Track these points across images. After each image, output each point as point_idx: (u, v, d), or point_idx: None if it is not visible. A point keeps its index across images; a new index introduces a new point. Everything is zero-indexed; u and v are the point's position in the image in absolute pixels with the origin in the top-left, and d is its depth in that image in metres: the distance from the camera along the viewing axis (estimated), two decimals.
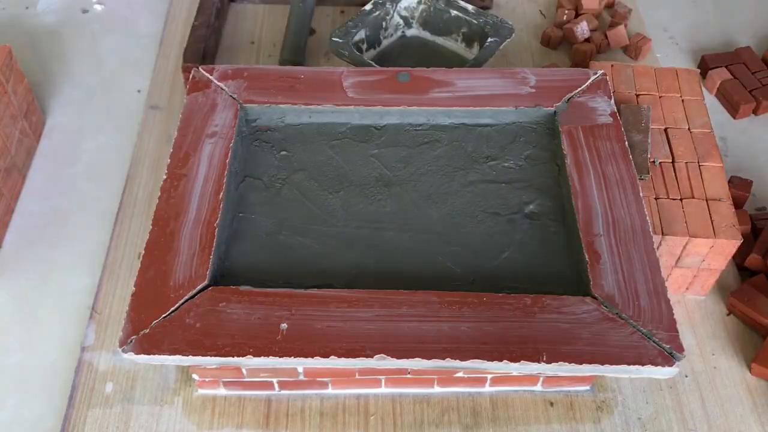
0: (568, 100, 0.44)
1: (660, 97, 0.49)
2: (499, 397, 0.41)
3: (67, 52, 0.61)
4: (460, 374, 0.39)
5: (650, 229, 0.38)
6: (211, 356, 0.33)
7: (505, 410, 0.40)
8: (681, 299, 0.46)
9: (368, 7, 0.56)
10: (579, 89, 0.44)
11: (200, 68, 0.45)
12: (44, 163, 0.53)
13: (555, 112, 0.44)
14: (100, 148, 0.54)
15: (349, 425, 0.39)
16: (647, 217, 0.38)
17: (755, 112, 0.57)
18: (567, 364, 0.33)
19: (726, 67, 0.59)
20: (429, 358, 0.33)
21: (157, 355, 0.33)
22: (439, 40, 0.58)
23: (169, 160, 0.40)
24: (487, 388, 0.41)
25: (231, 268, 0.38)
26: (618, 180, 0.40)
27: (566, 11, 0.62)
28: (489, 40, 0.54)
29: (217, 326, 0.34)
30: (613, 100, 0.44)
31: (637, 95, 0.49)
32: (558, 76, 0.45)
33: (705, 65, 0.60)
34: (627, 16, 0.62)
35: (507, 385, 0.40)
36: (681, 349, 0.33)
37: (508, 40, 0.54)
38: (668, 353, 0.33)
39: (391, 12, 0.57)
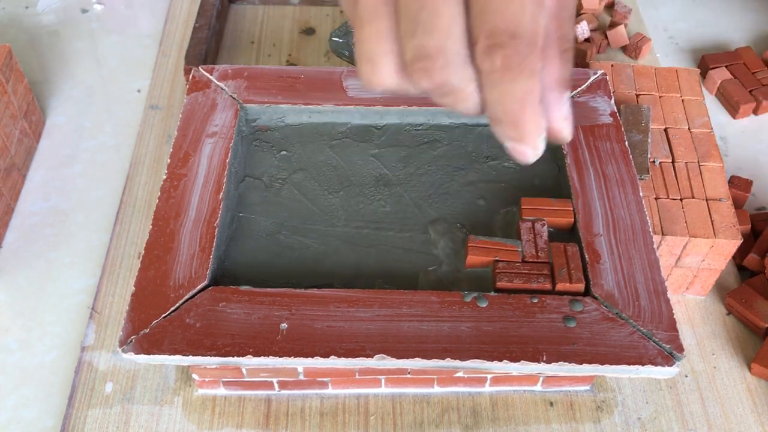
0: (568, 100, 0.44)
1: (660, 97, 0.49)
2: (499, 397, 0.41)
3: (67, 52, 0.61)
4: (460, 374, 0.39)
5: (650, 229, 0.38)
6: (211, 356, 0.33)
7: (505, 410, 0.40)
8: (681, 299, 0.46)
9: None
10: (579, 89, 0.44)
11: (200, 68, 0.45)
12: (44, 162, 0.53)
13: None
14: (100, 148, 0.54)
15: (349, 425, 0.39)
16: (647, 217, 0.38)
17: (755, 112, 0.57)
18: (567, 364, 0.33)
19: (726, 67, 0.59)
20: (429, 358, 0.33)
21: (157, 355, 0.33)
22: None
23: (169, 160, 0.40)
24: (487, 388, 0.41)
25: (231, 268, 0.38)
26: (618, 180, 0.40)
27: None
28: None
29: (217, 326, 0.34)
30: (613, 100, 0.44)
31: (637, 95, 0.49)
32: None
33: (705, 65, 0.60)
34: (627, 16, 0.62)
35: (507, 385, 0.40)
36: (681, 349, 0.33)
37: None
38: (668, 353, 0.33)
39: None
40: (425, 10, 0.30)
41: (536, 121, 0.33)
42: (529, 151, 0.34)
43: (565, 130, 0.35)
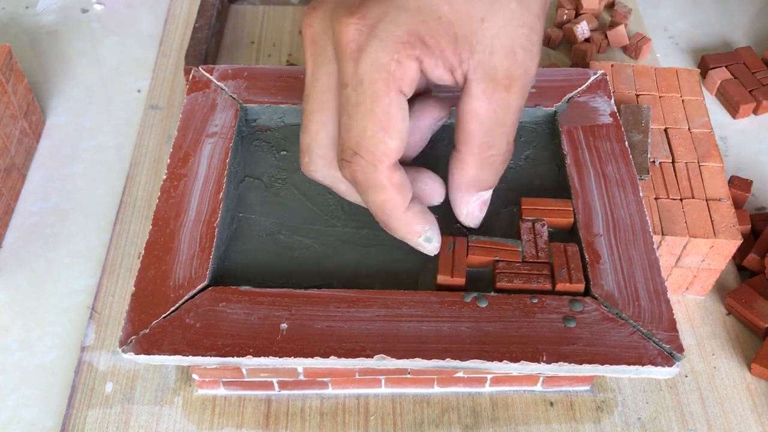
0: (568, 100, 0.44)
1: (660, 97, 0.49)
2: (499, 397, 0.41)
3: (67, 52, 0.61)
4: (460, 374, 0.39)
5: (650, 229, 0.38)
6: (211, 356, 0.33)
7: (505, 410, 0.40)
8: (681, 299, 0.46)
9: None
10: (579, 89, 0.44)
11: (200, 68, 0.45)
12: (44, 162, 0.53)
13: (555, 112, 0.44)
14: (100, 148, 0.54)
15: (349, 425, 0.40)
16: (647, 217, 0.38)
17: (755, 112, 0.57)
18: (567, 364, 0.33)
19: (726, 67, 0.59)
20: (429, 358, 0.33)
21: (157, 355, 0.33)
22: None
23: (169, 160, 0.40)
24: (487, 388, 0.41)
25: (231, 268, 0.38)
26: (618, 180, 0.40)
27: (566, 11, 0.62)
28: None
29: (217, 326, 0.34)
30: (613, 100, 0.44)
31: (637, 95, 0.49)
32: (558, 76, 0.45)
33: (705, 65, 0.60)
34: (627, 16, 0.62)
35: (507, 385, 0.40)
36: (681, 349, 0.33)
37: None
38: (668, 353, 0.33)
39: None
40: (303, 115, 0.34)
41: (404, 225, 0.35)
42: (422, 248, 0.36)
43: (468, 224, 0.38)
